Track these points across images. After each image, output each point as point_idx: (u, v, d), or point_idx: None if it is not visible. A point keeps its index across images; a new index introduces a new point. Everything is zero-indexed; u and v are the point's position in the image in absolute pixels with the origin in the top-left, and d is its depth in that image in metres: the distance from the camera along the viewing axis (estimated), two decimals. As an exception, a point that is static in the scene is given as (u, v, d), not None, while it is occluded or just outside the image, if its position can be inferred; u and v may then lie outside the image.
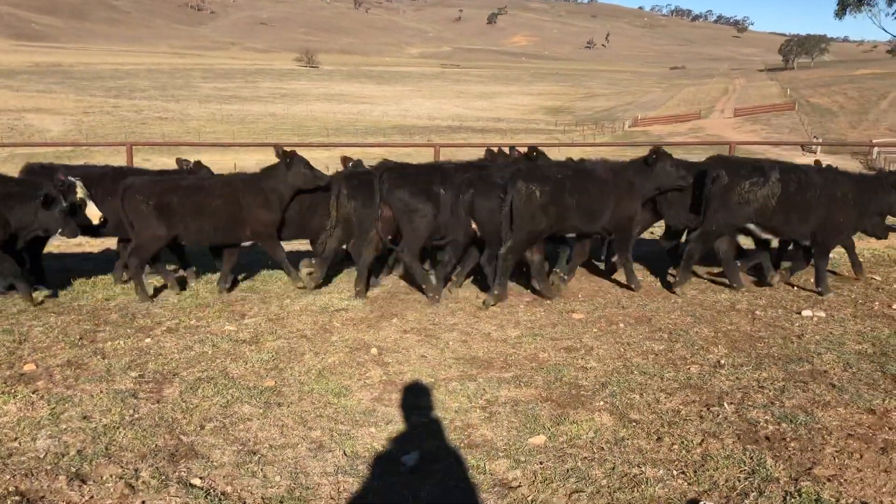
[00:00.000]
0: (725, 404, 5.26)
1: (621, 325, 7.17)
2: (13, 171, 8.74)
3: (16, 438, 4.70)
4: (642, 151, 9.66)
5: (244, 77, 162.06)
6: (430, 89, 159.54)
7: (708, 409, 5.21)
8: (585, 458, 4.51)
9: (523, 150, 9.61)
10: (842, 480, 4.18)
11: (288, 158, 8.20)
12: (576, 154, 10.12)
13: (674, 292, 8.25)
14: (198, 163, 9.20)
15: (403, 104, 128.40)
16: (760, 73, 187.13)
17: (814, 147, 56.89)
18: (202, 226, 8.09)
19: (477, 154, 10.04)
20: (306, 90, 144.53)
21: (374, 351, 6.45)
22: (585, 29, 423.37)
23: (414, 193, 7.91)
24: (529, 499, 4.08)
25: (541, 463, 4.45)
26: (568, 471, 4.34)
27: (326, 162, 9.21)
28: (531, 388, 5.65)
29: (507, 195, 7.55)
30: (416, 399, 5.46)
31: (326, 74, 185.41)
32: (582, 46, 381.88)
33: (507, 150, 9.86)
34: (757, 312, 7.57)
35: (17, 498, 3.97)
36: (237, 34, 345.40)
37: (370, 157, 9.71)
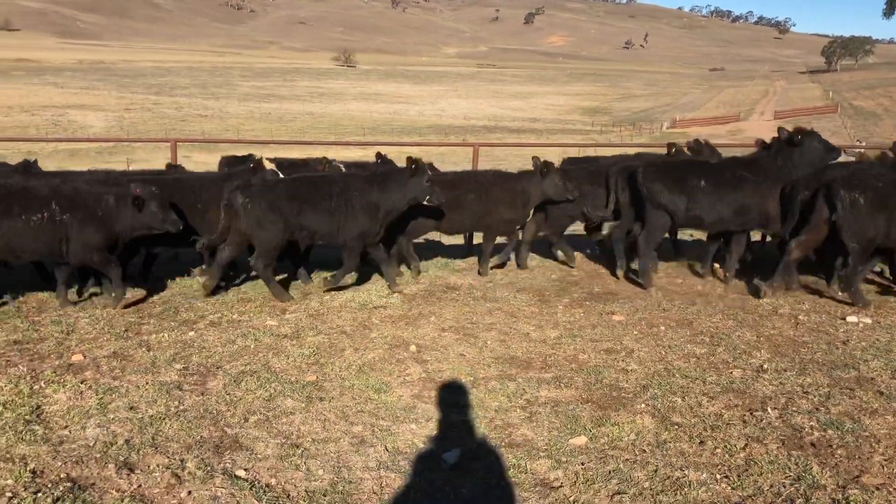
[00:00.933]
0: (769, 409, 5.20)
1: (662, 327, 7.11)
2: (55, 166, 8.94)
3: (66, 426, 4.81)
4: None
5: (282, 76, 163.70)
6: (465, 89, 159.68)
7: (751, 413, 5.15)
8: (627, 459, 4.49)
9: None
10: (891, 489, 4.10)
11: (544, 168, 8.76)
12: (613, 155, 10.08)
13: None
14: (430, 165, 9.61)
15: (439, 104, 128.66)
16: (802, 75, 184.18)
17: (857, 150, 55.80)
18: (457, 216, 8.83)
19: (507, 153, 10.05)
20: (343, 89, 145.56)
21: (413, 348, 6.48)
22: (623, 29, 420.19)
23: (669, 187, 8.31)
24: (571, 499, 4.08)
25: (582, 464, 4.44)
26: (610, 472, 4.33)
27: (361, 160, 9.36)
28: (571, 388, 5.63)
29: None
30: (455, 397, 5.48)
31: (363, 74, 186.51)
32: (620, 47, 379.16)
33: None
34: (800, 317, 7.45)
35: (68, 484, 4.06)
36: (276, 33, 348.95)
37: (407, 155, 9.75)
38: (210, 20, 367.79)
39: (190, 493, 4.06)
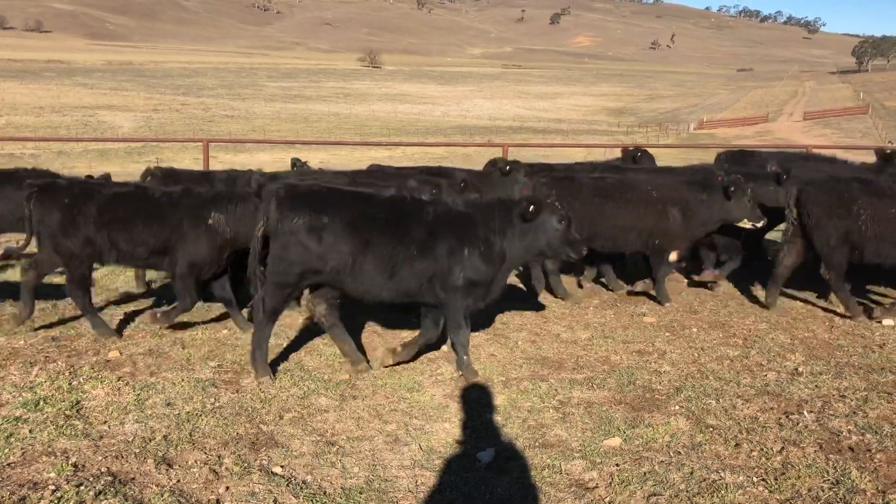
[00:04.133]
0: (805, 412, 5.15)
1: (694, 329, 7.07)
2: (86, 165, 9.01)
3: (105, 422, 4.88)
4: (708, 154, 9.48)
5: (308, 77, 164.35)
6: (491, 90, 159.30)
7: (787, 416, 5.11)
8: (662, 461, 4.46)
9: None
10: (932, 495, 4.04)
11: None
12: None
13: None
14: None
15: (464, 104, 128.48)
16: (832, 76, 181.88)
17: (888, 150, 54.80)
18: None
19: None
20: (369, 90, 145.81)
21: (444, 348, 6.48)
22: (650, 30, 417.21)
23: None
24: (607, 500, 4.07)
25: (617, 465, 4.43)
26: (645, 474, 4.31)
27: (386, 161, 9.20)
28: (604, 390, 5.62)
29: None
30: (488, 397, 5.48)
31: (389, 75, 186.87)
32: (646, 47, 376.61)
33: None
34: (835, 320, 7.38)
35: (109, 478, 4.12)
36: (302, 34, 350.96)
37: (432, 156, 9.70)
38: (236, 21, 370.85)
39: (228, 488, 4.10)
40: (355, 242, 5.37)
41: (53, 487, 3.99)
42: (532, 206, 5.57)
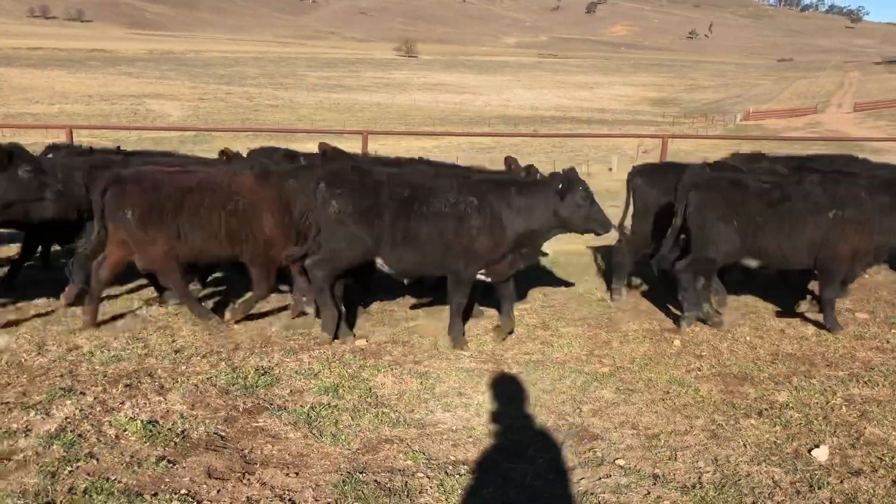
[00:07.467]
0: None
1: (918, 325, 6.95)
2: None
3: (412, 410, 4.93)
4: (759, 146, 9.26)
5: (347, 66, 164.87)
6: (529, 79, 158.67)
7: None
8: None
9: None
10: None
11: None
12: (690, 148, 9.76)
13: None
14: None
15: (504, 94, 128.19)
16: (877, 66, 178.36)
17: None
18: None
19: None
20: (407, 80, 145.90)
21: (677, 343, 6.43)
22: (687, 19, 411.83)
23: None
24: (978, 501, 4.00)
25: (969, 469, 4.35)
26: None
27: (433, 151, 8.59)
28: (880, 387, 5.53)
29: None
30: (763, 392, 5.41)
31: (426, 64, 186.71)
32: (684, 37, 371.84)
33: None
34: None
35: (465, 467, 4.16)
36: (337, 24, 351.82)
37: (477, 146, 9.46)
38: (272, 11, 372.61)
39: (582, 479, 4.11)
40: None
41: (423, 476, 4.03)
42: None
